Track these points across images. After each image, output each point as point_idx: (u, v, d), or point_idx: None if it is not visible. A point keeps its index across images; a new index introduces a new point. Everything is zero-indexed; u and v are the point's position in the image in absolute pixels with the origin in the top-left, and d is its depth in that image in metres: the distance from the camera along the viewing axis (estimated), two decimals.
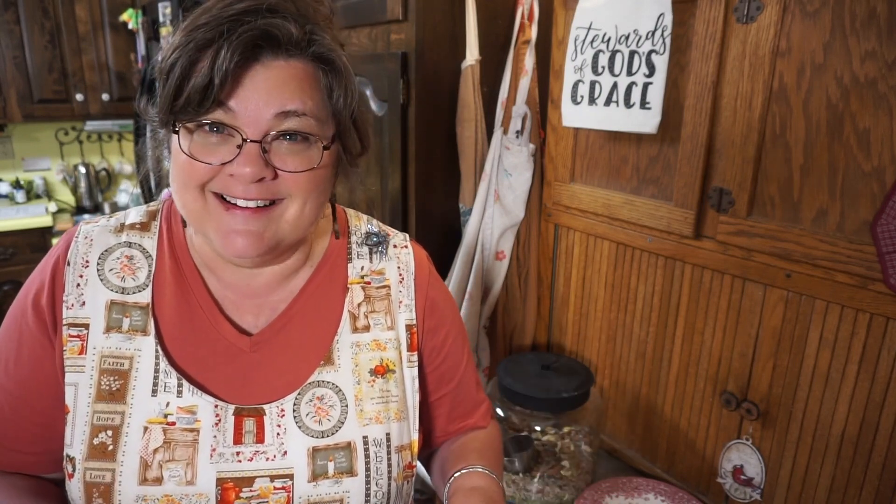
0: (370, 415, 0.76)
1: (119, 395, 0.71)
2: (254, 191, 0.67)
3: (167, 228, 0.79)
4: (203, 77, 0.63)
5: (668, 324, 1.29)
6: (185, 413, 0.71)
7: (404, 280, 0.83)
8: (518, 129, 1.51)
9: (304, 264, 0.80)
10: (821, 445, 1.06)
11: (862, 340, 0.99)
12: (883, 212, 0.92)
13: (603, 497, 1.25)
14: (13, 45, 3.25)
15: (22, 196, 3.62)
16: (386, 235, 0.86)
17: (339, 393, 0.76)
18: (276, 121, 0.66)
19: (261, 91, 0.65)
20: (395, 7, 1.50)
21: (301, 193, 0.69)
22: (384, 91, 1.60)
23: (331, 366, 0.77)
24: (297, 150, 0.68)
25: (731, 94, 1.10)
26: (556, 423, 1.29)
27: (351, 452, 0.74)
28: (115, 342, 0.72)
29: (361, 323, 0.80)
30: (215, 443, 0.71)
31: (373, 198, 1.77)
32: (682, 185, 1.20)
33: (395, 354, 0.80)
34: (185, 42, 0.64)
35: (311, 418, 0.74)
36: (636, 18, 1.18)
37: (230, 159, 0.66)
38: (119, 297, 0.74)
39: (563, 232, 1.53)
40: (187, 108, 0.64)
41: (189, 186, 0.68)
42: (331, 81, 0.69)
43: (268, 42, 0.65)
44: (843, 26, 0.94)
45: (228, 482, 0.70)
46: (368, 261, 0.83)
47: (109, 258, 0.75)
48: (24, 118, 3.38)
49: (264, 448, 0.72)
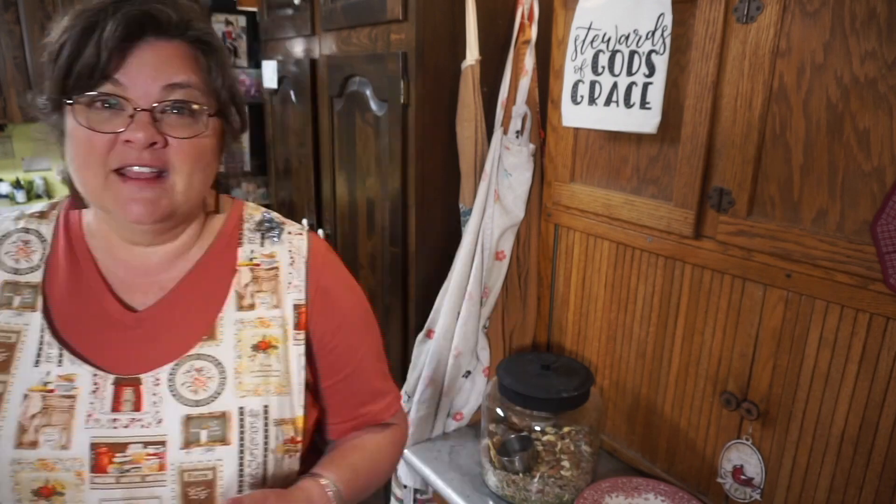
0: (248, 387, 0.79)
1: (3, 367, 0.75)
2: (147, 156, 0.72)
3: (65, 217, 0.85)
4: (91, 54, 0.69)
5: (668, 324, 1.29)
6: (63, 381, 0.75)
7: (295, 262, 0.87)
8: (518, 129, 1.51)
9: (193, 245, 0.85)
10: (821, 445, 1.06)
11: (862, 340, 0.99)
12: (883, 212, 0.92)
13: (603, 497, 1.25)
14: (13, 45, 3.25)
15: (22, 196, 3.62)
16: (282, 223, 0.90)
17: (219, 366, 0.79)
18: (163, 92, 0.72)
19: (148, 66, 0.71)
20: (395, 7, 1.50)
21: (188, 162, 0.75)
22: (384, 91, 1.60)
23: (213, 341, 0.80)
24: (185, 123, 0.74)
25: (731, 94, 1.10)
26: (556, 423, 1.29)
27: (226, 422, 0.77)
28: (4, 318, 0.77)
29: (247, 301, 0.83)
30: (92, 409, 0.75)
31: (373, 198, 1.77)
32: (682, 185, 1.20)
33: (279, 332, 0.83)
34: (72, 25, 0.71)
35: (186, 388, 0.77)
36: (636, 18, 1.18)
37: (124, 128, 0.71)
38: (12, 278, 0.80)
39: (563, 232, 1.53)
40: (78, 84, 0.70)
41: (89, 163, 0.72)
42: (209, 61, 0.76)
43: (150, 23, 0.71)
44: (843, 26, 0.94)
45: (102, 447, 0.74)
46: (259, 245, 0.87)
47: (6, 242, 0.82)
48: (24, 118, 3.39)
49: (141, 416, 0.75)
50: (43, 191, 3.79)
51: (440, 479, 1.39)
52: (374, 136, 1.70)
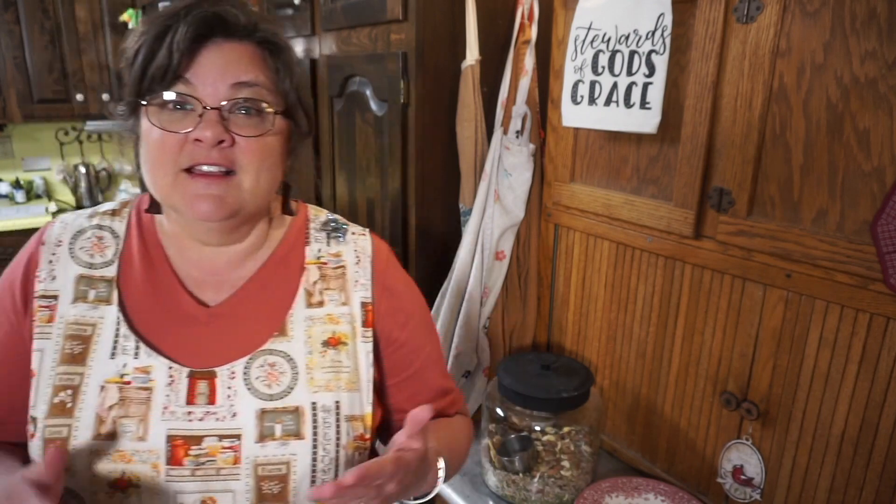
0: (320, 382, 0.80)
1: (80, 358, 0.77)
2: (215, 155, 0.73)
3: (137, 215, 0.87)
4: (164, 55, 0.71)
5: (668, 324, 1.29)
6: (140, 373, 0.76)
7: (361, 262, 0.88)
8: (518, 129, 1.51)
9: (262, 246, 0.86)
10: (821, 445, 1.06)
11: (862, 340, 0.99)
12: (883, 212, 0.92)
13: (603, 497, 1.25)
14: (13, 45, 3.25)
15: (22, 196, 3.62)
16: (345, 224, 0.93)
17: (291, 361, 0.80)
18: (232, 91, 0.74)
19: (217, 65, 0.73)
20: (395, 7, 1.50)
21: (255, 160, 0.76)
22: (384, 91, 1.60)
23: (284, 337, 0.81)
24: (253, 122, 0.75)
25: (731, 94, 1.10)
26: (556, 423, 1.29)
27: (299, 416, 0.78)
28: (80, 311, 0.79)
29: (316, 299, 0.85)
30: (167, 401, 0.76)
31: (373, 198, 1.77)
32: (682, 185, 1.20)
33: (348, 328, 0.84)
34: (146, 31, 0.74)
35: (261, 381, 0.78)
36: (636, 18, 1.18)
37: (193, 127, 0.73)
38: (87, 272, 0.81)
39: (563, 232, 1.53)
40: (152, 85, 0.73)
41: (161, 162, 0.74)
42: (277, 62, 0.78)
43: (219, 24, 0.74)
44: (843, 26, 0.94)
45: (178, 439, 0.74)
46: (326, 244, 0.89)
47: (81, 238, 0.84)
48: (24, 118, 3.39)
49: (215, 409, 0.76)
50: (43, 191, 3.79)
51: None
52: (374, 136, 1.70)
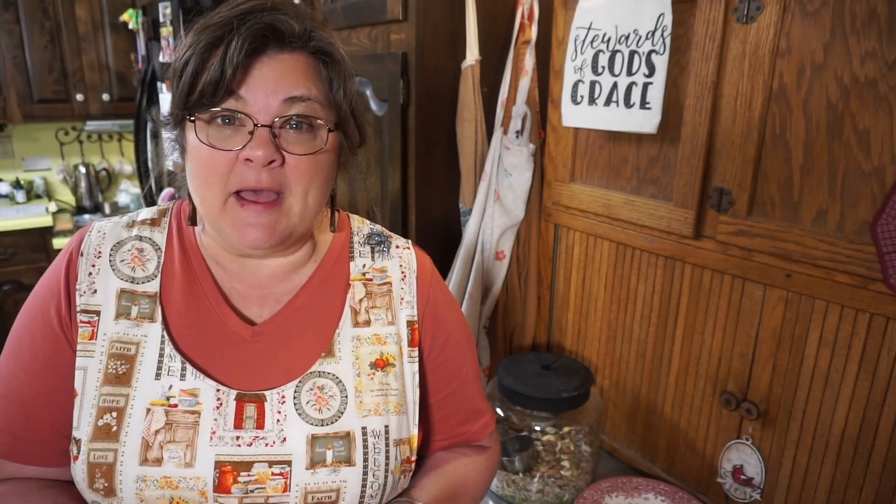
0: (369, 406, 0.77)
1: (125, 379, 0.73)
2: (265, 178, 0.70)
3: (177, 225, 0.83)
4: (216, 69, 0.68)
5: (668, 324, 1.29)
6: (187, 395, 0.73)
7: (406, 278, 0.85)
8: (518, 129, 1.51)
9: (308, 260, 0.83)
10: (821, 445, 1.06)
11: (862, 340, 0.99)
12: (883, 212, 0.92)
13: (603, 497, 1.25)
14: (13, 45, 3.25)
15: (22, 196, 3.62)
16: (389, 237, 0.90)
17: (340, 384, 0.77)
18: (283, 106, 0.70)
19: (269, 80, 0.70)
20: (395, 7, 1.50)
21: (304, 181, 0.73)
22: (384, 91, 1.60)
23: (332, 358, 0.78)
24: (304, 139, 0.72)
25: (731, 94, 1.10)
26: (556, 423, 1.29)
27: (350, 442, 0.75)
28: (123, 328, 0.75)
29: (363, 318, 0.82)
30: (216, 426, 0.72)
31: (373, 198, 1.77)
32: (682, 185, 1.20)
33: (395, 349, 0.82)
34: (197, 41, 0.69)
35: (311, 406, 0.75)
36: (636, 18, 1.18)
37: (244, 145, 0.69)
38: (129, 286, 0.77)
39: (563, 232, 1.53)
40: (202, 100, 0.69)
41: (211, 182, 0.71)
42: (331, 73, 0.74)
43: (273, 35, 0.70)
44: (843, 26, 0.94)
45: (227, 465, 0.71)
46: (370, 259, 0.86)
47: (121, 250, 0.79)
48: (24, 118, 3.38)
49: (264, 434, 0.73)
50: (43, 191, 3.79)
51: None
52: (374, 136, 1.70)
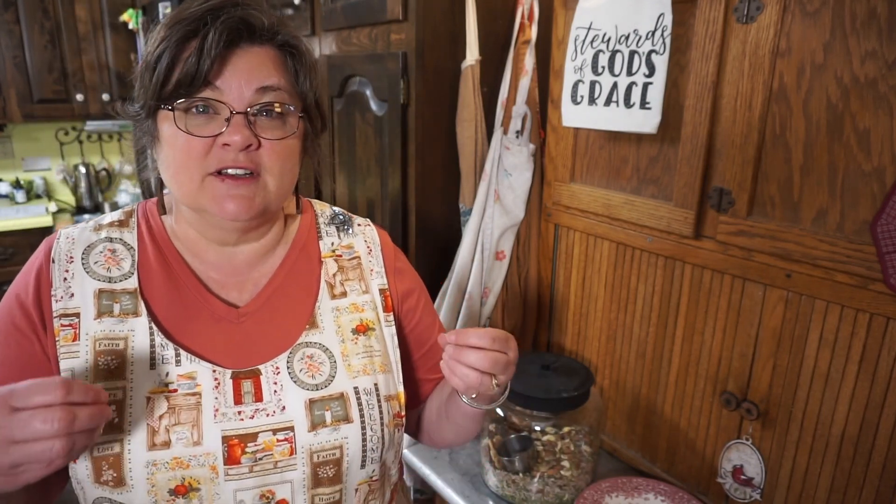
0: (357, 368, 0.84)
1: (118, 373, 0.75)
2: (242, 158, 0.74)
3: (146, 224, 0.86)
4: (192, 61, 0.71)
5: (668, 324, 1.29)
6: (185, 379, 0.76)
7: (372, 251, 0.93)
8: (518, 129, 1.51)
9: (278, 243, 0.89)
10: (821, 445, 1.06)
11: (862, 340, 0.99)
12: (883, 212, 0.92)
13: (603, 497, 1.25)
14: (13, 45, 3.25)
15: (22, 196, 3.62)
16: (350, 217, 0.97)
17: (327, 351, 0.83)
18: (256, 95, 0.75)
19: (243, 71, 0.74)
20: (395, 7, 1.50)
21: (279, 162, 0.77)
22: (384, 91, 1.60)
23: (315, 329, 0.84)
24: (275, 125, 0.77)
25: (731, 94, 1.10)
26: (556, 423, 1.29)
27: (345, 402, 0.81)
28: (107, 325, 0.77)
29: (338, 290, 0.88)
30: (217, 404, 0.76)
31: (373, 198, 1.77)
32: (682, 185, 1.20)
33: (372, 315, 0.89)
34: (169, 35, 0.73)
35: (304, 374, 0.81)
36: (636, 18, 1.18)
37: (221, 131, 0.73)
38: (107, 286, 0.79)
39: (563, 232, 1.53)
40: (178, 90, 0.72)
41: (188, 166, 0.75)
42: (296, 65, 0.79)
43: (246, 29, 0.74)
44: (843, 26, 0.94)
45: (234, 439, 0.75)
46: (337, 237, 0.93)
47: (92, 253, 0.81)
48: (24, 118, 3.38)
49: (264, 405, 0.78)
50: (43, 191, 3.79)
51: (440, 479, 1.39)
52: (374, 136, 1.70)
